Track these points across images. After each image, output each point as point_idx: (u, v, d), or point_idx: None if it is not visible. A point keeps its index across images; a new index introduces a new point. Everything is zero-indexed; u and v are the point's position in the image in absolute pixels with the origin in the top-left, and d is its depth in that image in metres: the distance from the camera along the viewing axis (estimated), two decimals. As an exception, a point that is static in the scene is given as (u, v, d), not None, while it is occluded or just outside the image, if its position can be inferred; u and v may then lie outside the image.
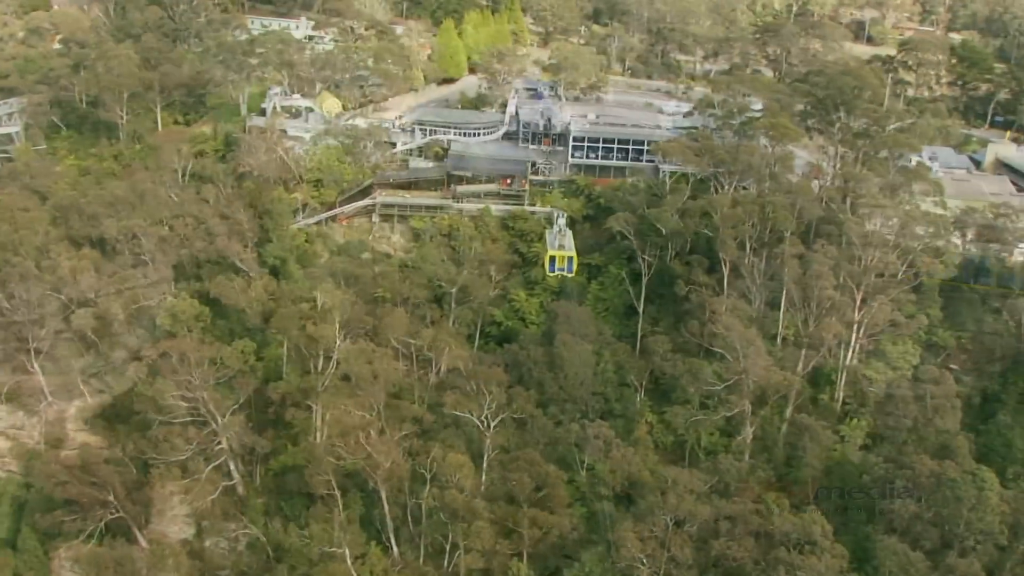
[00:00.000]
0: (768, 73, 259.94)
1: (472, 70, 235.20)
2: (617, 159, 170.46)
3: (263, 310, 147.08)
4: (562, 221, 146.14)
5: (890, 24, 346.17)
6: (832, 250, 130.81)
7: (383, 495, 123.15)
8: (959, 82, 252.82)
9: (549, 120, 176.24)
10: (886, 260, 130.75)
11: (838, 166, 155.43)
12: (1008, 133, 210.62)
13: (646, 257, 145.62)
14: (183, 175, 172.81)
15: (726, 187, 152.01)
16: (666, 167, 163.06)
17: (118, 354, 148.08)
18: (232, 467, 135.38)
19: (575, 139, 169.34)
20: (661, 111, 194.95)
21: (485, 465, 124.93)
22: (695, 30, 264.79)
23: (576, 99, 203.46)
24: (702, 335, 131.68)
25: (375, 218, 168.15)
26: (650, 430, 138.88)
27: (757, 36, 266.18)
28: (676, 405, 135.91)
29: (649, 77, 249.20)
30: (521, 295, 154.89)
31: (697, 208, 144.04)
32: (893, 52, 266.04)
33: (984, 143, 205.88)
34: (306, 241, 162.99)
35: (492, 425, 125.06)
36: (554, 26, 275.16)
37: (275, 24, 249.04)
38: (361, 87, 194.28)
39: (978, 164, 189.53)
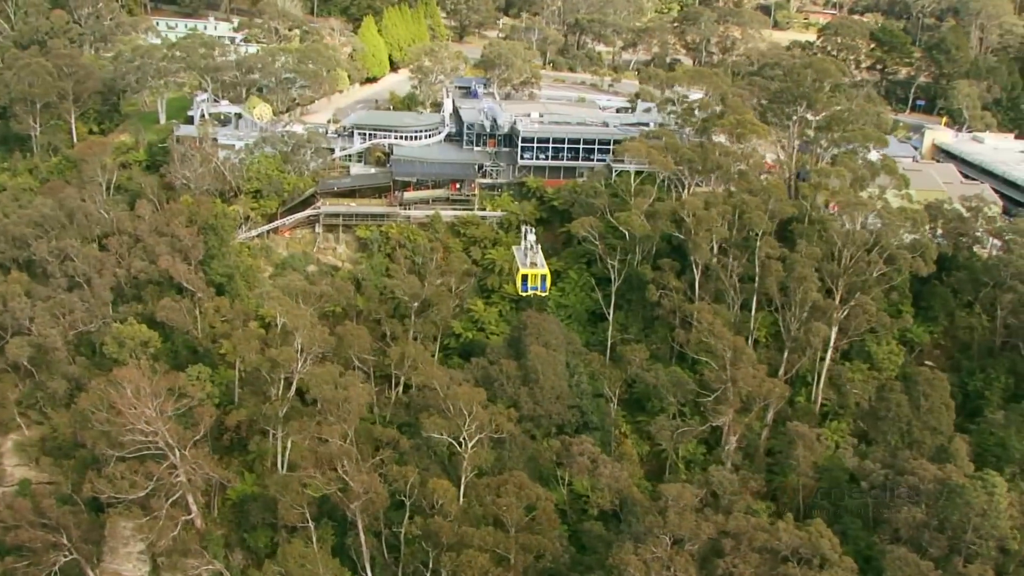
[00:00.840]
0: (688, 62, 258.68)
1: (394, 68, 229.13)
2: (568, 159, 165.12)
3: (213, 332, 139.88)
4: (532, 237, 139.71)
5: (795, 8, 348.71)
6: (816, 251, 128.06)
7: (359, 525, 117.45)
8: (878, 67, 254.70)
9: (495, 120, 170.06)
10: (866, 258, 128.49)
11: (795, 161, 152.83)
12: (943, 119, 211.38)
13: (613, 262, 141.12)
14: (108, 189, 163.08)
15: (686, 186, 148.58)
16: (619, 166, 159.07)
17: (57, 384, 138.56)
18: (190, 499, 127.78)
19: (524, 139, 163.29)
20: (601, 107, 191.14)
21: (462, 487, 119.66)
22: (613, 20, 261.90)
23: (507, 96, 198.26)
24: (687, 343, 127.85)
25: (318, 228, 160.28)
26: (624, 439, 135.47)
27: (675, 24, 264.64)
28: (655, 415, 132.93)
29: (571, 70, 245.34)
30: (479, 304, 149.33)
31: (665, 210, 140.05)
32: (812, 37, 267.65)
33: (911, 129, 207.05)
34: (248, 255, 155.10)
35: (470, 446, 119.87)
36: (469, 19, 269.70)
37: (182, 25, 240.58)
38: (288, 90, 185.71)
39: (915, 149, 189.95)
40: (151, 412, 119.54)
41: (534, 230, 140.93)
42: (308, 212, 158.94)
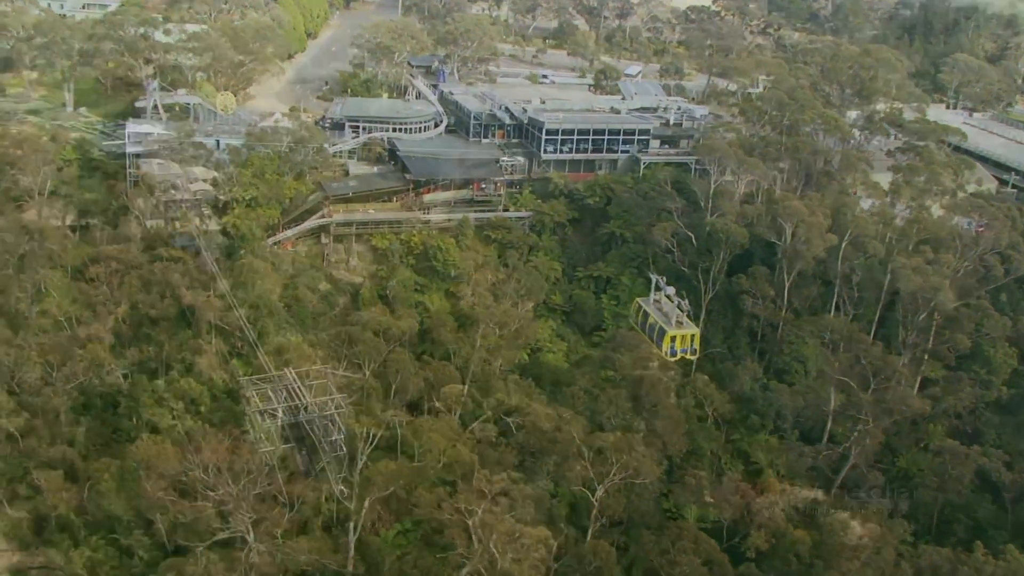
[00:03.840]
0: (584, 27, 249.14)
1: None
2: (592, 151, 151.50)
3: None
4: (670, 290, 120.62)
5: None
6: (949, 258, 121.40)
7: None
8: (770, 30, 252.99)
9: (507, 110, 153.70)
10: (977, 260, 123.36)
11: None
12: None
13: (694, 271, 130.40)
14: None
15: (740, 184, 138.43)
16: (648, 159, 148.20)
17: (55, 451, 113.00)
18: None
19: (548, 132, 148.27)
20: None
21: (589, 539, 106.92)
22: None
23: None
24: (851, 366, 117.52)
25: (325, 239, 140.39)
26: (717, 461, 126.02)
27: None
28: (752, 433, 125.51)
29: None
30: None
31: (753, 213, 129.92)
32: (707, 2, 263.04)
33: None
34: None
35: (598, 493, 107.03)
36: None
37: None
38: (235, 74, 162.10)
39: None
40: (237, 491, 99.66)
41: (663, 279, 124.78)
42: (317, 221, 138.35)
